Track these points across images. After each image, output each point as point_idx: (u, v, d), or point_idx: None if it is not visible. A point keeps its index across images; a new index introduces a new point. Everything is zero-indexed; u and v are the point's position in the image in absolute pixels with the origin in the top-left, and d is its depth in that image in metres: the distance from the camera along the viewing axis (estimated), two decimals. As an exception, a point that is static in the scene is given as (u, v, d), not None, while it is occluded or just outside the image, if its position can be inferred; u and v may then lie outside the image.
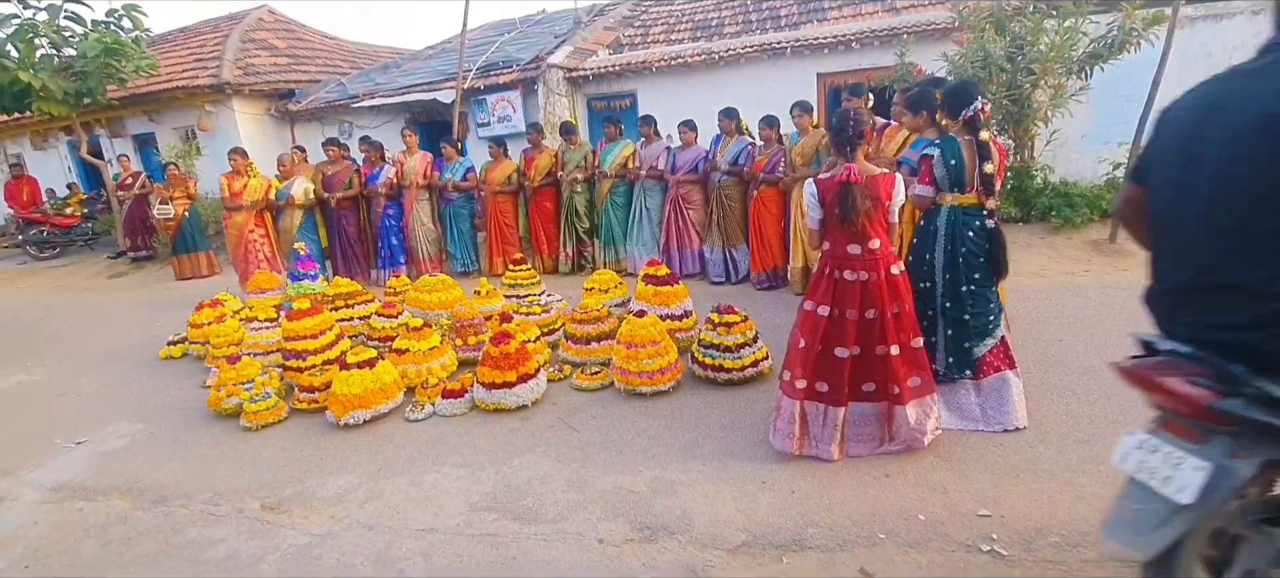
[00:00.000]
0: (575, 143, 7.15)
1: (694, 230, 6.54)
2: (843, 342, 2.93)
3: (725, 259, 6.36)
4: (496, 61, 10.24)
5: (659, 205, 6.74)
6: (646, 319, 4.05)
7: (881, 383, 2.98)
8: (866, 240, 2.88)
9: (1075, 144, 7.21)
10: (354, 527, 2.93)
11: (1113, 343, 4.08)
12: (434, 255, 7.58)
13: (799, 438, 3.07)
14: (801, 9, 9.85)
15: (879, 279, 2.88)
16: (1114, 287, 5.17)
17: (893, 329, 2.92)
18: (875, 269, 2.88)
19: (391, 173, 7.39)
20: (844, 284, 2.91)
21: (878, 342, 2.93)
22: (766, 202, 5.89)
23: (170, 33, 13.99)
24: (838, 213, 2.85)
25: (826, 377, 2.99)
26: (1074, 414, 3.32)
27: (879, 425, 3.06)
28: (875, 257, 2.88)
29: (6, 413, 4.75)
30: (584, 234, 7.24)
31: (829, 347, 2.96)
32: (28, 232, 11.63)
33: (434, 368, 4.36)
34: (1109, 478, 2.77)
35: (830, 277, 2.95)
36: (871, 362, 2.96)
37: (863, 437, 3.08)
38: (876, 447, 3.08)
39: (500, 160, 7.36)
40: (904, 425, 3.00)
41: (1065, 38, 5.88)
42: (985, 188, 3.18)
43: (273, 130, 11.63)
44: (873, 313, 2.91)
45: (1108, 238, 6.02)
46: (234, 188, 6.96)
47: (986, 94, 5.70)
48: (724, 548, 2.58)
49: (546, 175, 7.20)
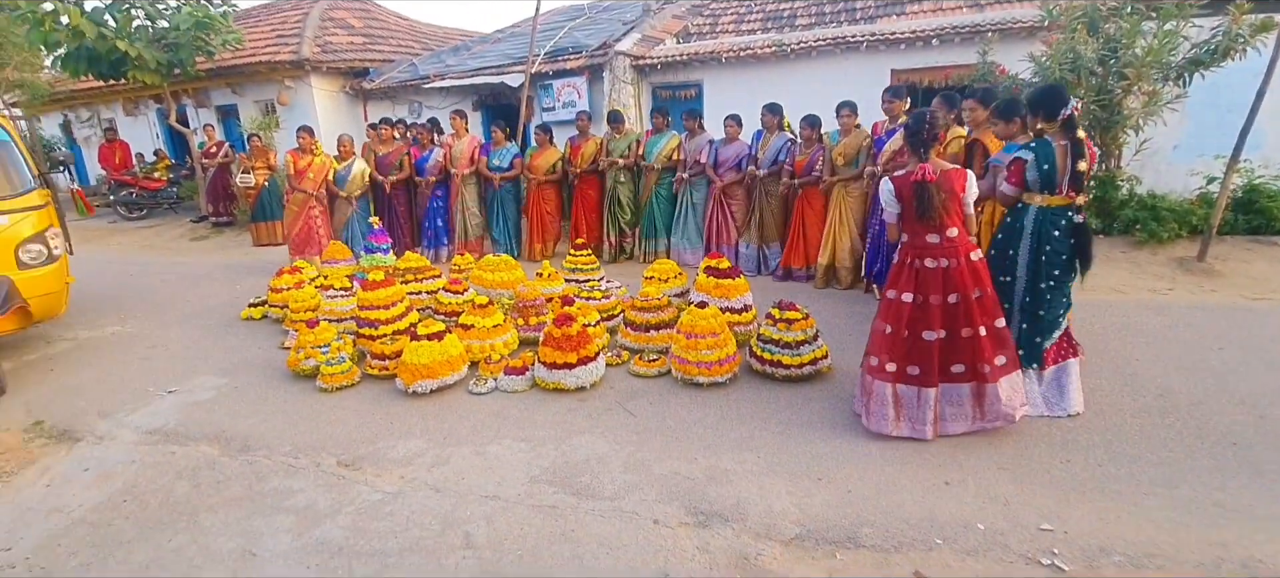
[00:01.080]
0: (622, 131, 7.23)
1: (734, 225, 6.65)
2: (929, 325, 3.12)
3: (759, 255, 6.54)
4: (565, 47, 10.36)
5: (703, 199, 6.85)
6: (707, 311, 4.09)
7: (970, 363, 3.15)
8: (944, 230, 3.09)
9: (1166, 155, 6.84)
10: (422, 488, 3.09)
11: (1195, 365, 3.89)
12: (477, 238, 7.77)
13: (895, 419, 3.23)
14: (878, 3, 9.61)
15: (959, 265, 3.09)
16: (1200, 307, 4.91)
17: (977, 312, 3.09)
18: (955, 256, 3.09)
19: (440, 156, 7.59)
20: (925, 272, 3.13)
21: (963, 324, 3.11)
22: (811, 200, 6.00)
23: (254, 9, 14.67)
24: (915, 208, 3.08)
25: (917, 360, 3.17)
26: (1147, 435, 3.20)
27: (972, 404, 3.21)
28: (954, 244, 3.09)
29: (105, 361, 5.15)
30: (626, 225, 7.33)
31: (916, 331, 3.15)
32: (119, 193, 12.45)
33: (497, 345, 4.51)
34: (1179, 503, 2.68)
35: (911, 266, 3.17)
36: (958, 344, 3.14)
37: (957, 416, 3.24)
38: (970, 424, 3.23)
39: (546, 147, 7.49)
40: (996, 402, 3.15)
41: (1164, 41, 5.57)
42: (1077, 186, 3.26)
43: (346, 107, 12.09)
44: (955, 297, 3.10)
45: (1196, 256, 5.70)
46: (299, 165, 7.04)
47: (1077, 95, 5.56)
48: (778, 539, 2.61)
49: (591, 163, 7.31)
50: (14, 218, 4.82)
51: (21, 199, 4.90)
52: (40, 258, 4.89)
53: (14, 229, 4.78)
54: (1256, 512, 2.60)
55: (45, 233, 4.95)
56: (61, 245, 5.17)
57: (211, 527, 2.91)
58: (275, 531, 2.85)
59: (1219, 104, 6.34)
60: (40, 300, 4.87)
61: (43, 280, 4.88)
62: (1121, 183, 6.41)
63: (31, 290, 4.78)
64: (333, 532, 2.81)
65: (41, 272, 4.87)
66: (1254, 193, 6.21)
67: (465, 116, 7.75)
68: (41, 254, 4.90)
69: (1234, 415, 3.34)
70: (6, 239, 4.73)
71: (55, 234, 5.07)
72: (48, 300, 4.96)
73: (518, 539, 2.69)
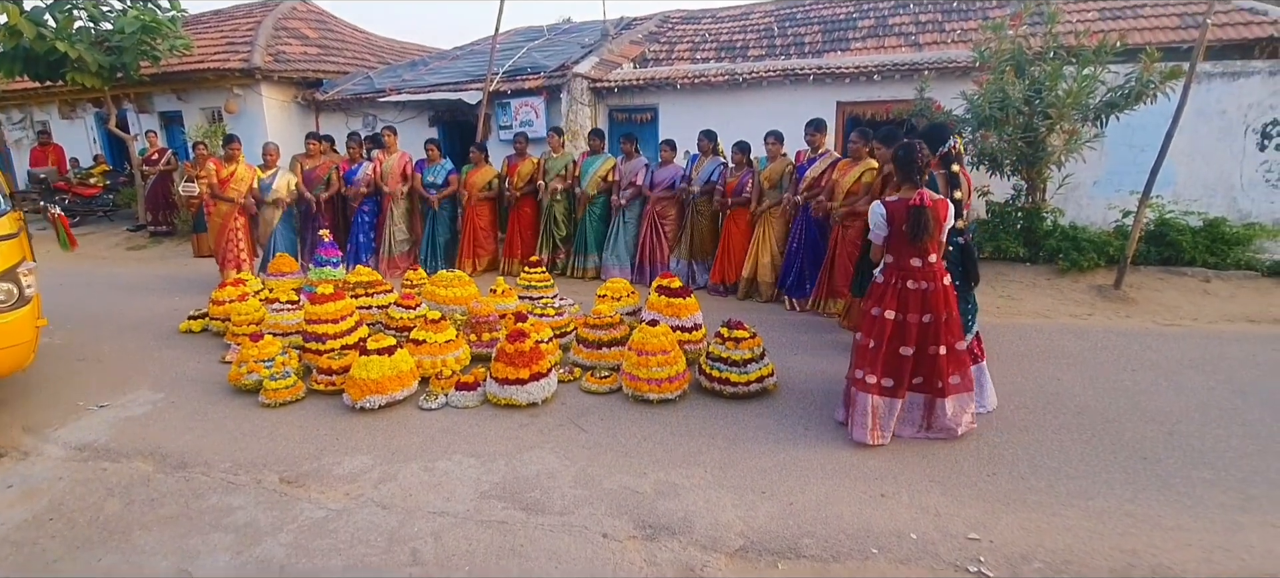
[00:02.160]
0: (559, 149, 7.50)
1: (666, 244, 7.02)
2: (905, 342, 3.37)
3: (689, 269, 6.93)
4: (523, 67, 10.44)
5: (636, 218, 7.22)
6: (658, 329, 4.18)
7: (928, 377, 3.43)
8: (926, 255, 3.35)
9: (1086, 189, 7.33)
10: (368, 505, 3.05)
11: (1110, 385, 4.18)
12: (402, 254, 7.72)
13: (873, 429, 3.45)
14: (826, 37, 10.03)
15: (937, 288, 3.35)
16: (1116, 331, 5.27)
17: (944, 332, 3.37)
18: (934, 280, 3.35)
19: (370, 171, 7.54)
20: (907, 292, 3.36)
21: (931, 342, 3.37)
22: (738, 220, 6.47)
23: (204, 15, 14.26)
24: (907, 231, 3.29)
25: (892, 373, 3.42)
26: (1066, 451, 3.42)
27: (923, 414, 3.52)
28: (933, 269, 3.36)
29: (30, 373, 4.89)
30: (560, 241, 7.55)
31: (893, 346, 3.39)
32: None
33: (448, 360, 4.50)
34: (1094, 513, 2.88)
35: (895, 286, 3.39)
36: (923, 359, 3.41)
37: (908, 421, 3.54)
38: (917, 432, 3.54)
39: (481, 165, 7.61)
40: (942, 416, 3.47)
41: (1083, 85, 6.01)
42: (955, 211, 3.52)
43: (298, 118, 11.85)
44: (929, 317, 3.35)
45: (1113, 284, 6.11)
46: (222, 174, 6.85)
47: (1004, 132, 5.96)
48: (723, 551, 2.69)
49: (527, 183, 7.52)
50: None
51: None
52: (9, 300, 3.93)
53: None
54: (1164, 522, 2.82)
55: (16, 268, 4.01)
56: (34, 283, 4.21)
57: (145, 546, 2.82)
58: (213, 549, 2.78)
59: (1134, 143, 6.85)
60: (6, 353, 3.95)
61: (10, 329, 3.92)
62: (1046, 215, 6.84)
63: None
64: (274, 550, 2.75)
65: (9, 318, 3.91)
66: (1165, 227, 6.72)
67: (396, 132, 7.77)
68: (11, 295, 3.95)
69: (1145, 432, 3.60)
70: None
71: (28, 270, 4.12)
72: (14, 353, 4.00)
73: (466, 555, 2.70)
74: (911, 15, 9.92)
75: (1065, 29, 7.04)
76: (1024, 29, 6.76)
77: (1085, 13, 8.50)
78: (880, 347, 3.38)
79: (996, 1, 9.54)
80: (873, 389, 3.41)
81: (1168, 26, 7.83)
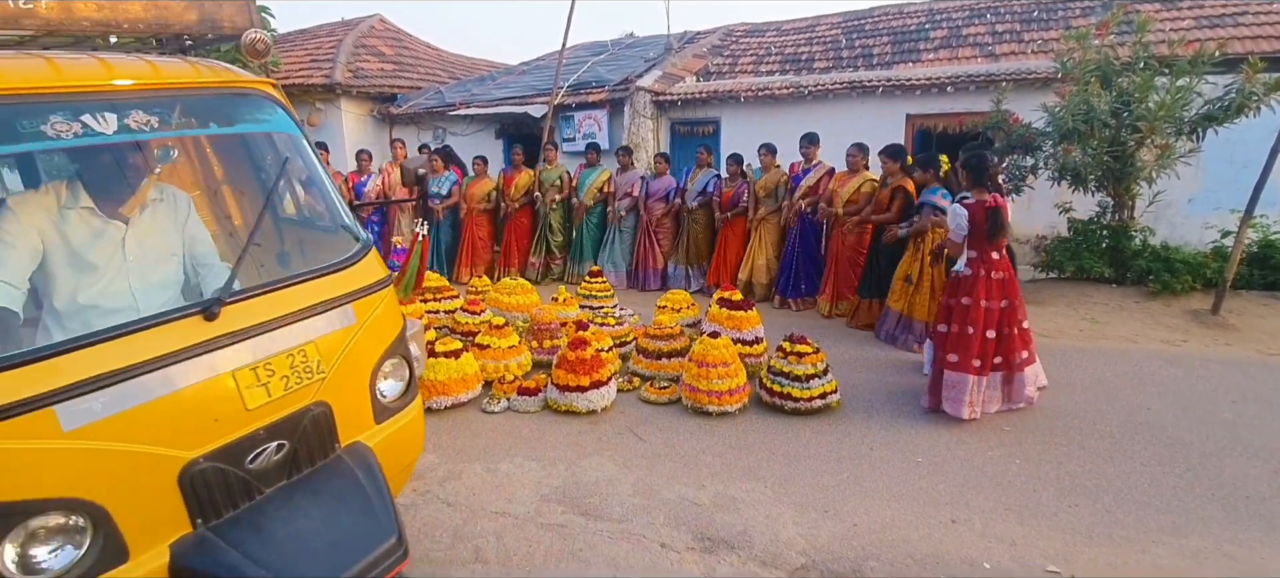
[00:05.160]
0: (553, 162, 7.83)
1: (660, 251, 7.32)
2: (990, 325, 3.80)
3: (686, 273, 7.22)
4: (588, 81, 10.61)
5: (632, 228, 7.52)
6: (719, 341, 4.15)
7: (1006, 356, 3.85)
8: (1001, 248, 3.84)
9: (1181, 207, 6.87)
10: (434, 501, 3.14)
11: (1208, 417, 3.88)
12: None
13: (970, 405, 3.78)
14: (895, 49, 9.79)
15: (1010, 277, 3.85)
16: (1214, 360, 4.89)
17: (1019, 313, 3.86)
18: (1007, 269, 3.85)
19: (378, 183, 7.82)
20: (991, 282, 3.80)
21: (1006, 324, 3.82)
22: (734, 228, 6.84)
23: (290, 33, 15.14)
24: (987, 228, 3.77)
25: (981, 355, 3.79)
26: (1157, 485, 3.19)
27: (1002, 389, 3.91)
28: (1005, 260, 3.87)
29: None
30: (556, 248, 7.85)
31: (981, 330, 3.78)
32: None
33: (511, 365, 4.59)
34: (1189, 552, 2.68)
35: (985, 277, 3.81)
36: (1002, 339, 3.83)
37: (991, 399, 3.89)
38: (1000, 406, 3.93)
39: (482, 177, 7.87)
40: (1021, 388, 3.88)
41: (1177, 97, 5.64)
42: None
43: (374, 131, 12.41)
44: (1006, 302, 3.81)
45: (1210, 309, 5.69)
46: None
47: (1089, 147, 5.77)
48: (783, 568, 2.63)
49: (525, 194, 7.79)
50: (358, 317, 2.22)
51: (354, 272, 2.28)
52: (401, 387, 2.41)
53: (364, 344, 2.23)
54: (1270, 567, 2.59)
55: (402, 337, 2.43)
56: (422, 352, 2.87)
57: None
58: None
59: (1234, 160, 6.38)
60: (401, 475, 2.50)
61: (409, 436, 2.45)
62: (1135, 233, 6.44)
63: (396, 458, 2.37)
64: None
65: (408, 416, 2.43)
66: (1270, 248, 6.21)
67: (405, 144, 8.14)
68: (402, 379, 2.42)
69: (1247, 468, 3.33)
70: (357, 363, 2.21)
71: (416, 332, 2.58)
72: (408, 472, 2.61)
73: (526, 556, 2.73)
74: (987, 24, 9.57)
75: (1156, 38, 6.64)
76: (1110, 38, 6.41)
77: (1179, 22, 7.99)
78: (976, 332, 3.76)
79: (1080, 10, 9.10)
80: (971, 370, 3.77)
81: (1272, 34, 7.27)
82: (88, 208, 2.02)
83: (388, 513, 2.01)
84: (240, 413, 1.87)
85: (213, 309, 1.88)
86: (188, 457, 1.78)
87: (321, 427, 2.08)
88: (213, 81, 2.26)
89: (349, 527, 1.95)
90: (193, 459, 1.78)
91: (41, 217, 1.95)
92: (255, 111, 2.36)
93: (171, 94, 2.11)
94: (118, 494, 1.67)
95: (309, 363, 2.04)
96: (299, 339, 2.04)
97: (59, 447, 1.59)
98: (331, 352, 2.11)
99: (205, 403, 1.82)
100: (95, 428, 1.63)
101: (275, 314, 2.01)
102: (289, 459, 2.00)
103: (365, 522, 1.97)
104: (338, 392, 2.13)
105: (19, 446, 1.54)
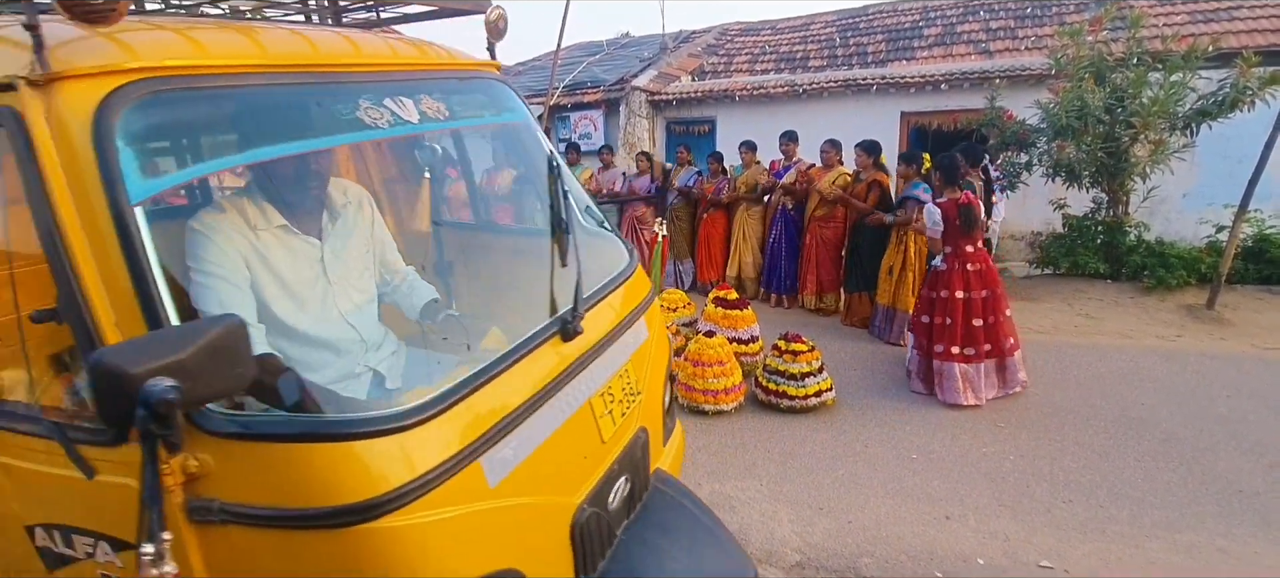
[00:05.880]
0: None
1: (646, 249, 7.25)
2: (975, 315, 3.98)
3: (674, 269, 7.22)
4: (583, 81, 10.62)
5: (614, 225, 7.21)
6: (715, 340, 4.15)
7: (995, 343, 4.03)
8: (976, 241, 4.05)
9: (1175, 203, 6.89)
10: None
11: (1202, 412, 3.89)
12: None
13: (965, 391, 3.96)
14: (890, 46, 9.80)
15: (988, 267, 4.05)
16: (1209, 355, 4.90)
17: (1001, 302, 4.04)
18: (984, 261, 4.05)
19: None
20: (969, 273, 3.99)
21: (990, 313, 4.01)
22: (715, 222, 6.86)
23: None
24: (960, 224, 3.97)
25: (970, 343, 3.98)
26: (1151, 480, 3.20)
27: (996, 376, 4.08)
28: (981, 253, 4.06)
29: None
30: None
31: (967, 320, 3.98)
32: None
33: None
34: (1183, 547, 2.68)
35: (960, 270, 4.00)
36: (989, 328, 4.00)
37: (988, 385, 4.05)
38: (995, 393, 4.08)
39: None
40: (1015, 372, 4.09)
41: (1171, 92, 5.65)
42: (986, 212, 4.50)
43: (370, 132, 12.42)
44: (987, 292, 4.00)
45: (1205, 303, 5.70)
46: None
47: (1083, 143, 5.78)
48: (779, 566, 2.64)
49: None
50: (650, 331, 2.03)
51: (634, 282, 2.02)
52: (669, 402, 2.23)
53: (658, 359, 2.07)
54: (1263, 561, 2.60)
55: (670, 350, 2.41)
56: None
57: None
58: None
59: (1229, 154, 6.40)
60: None
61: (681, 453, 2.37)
62: (1129, 229, 6.45)
63: None
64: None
65: (679, 433, 2.38)
66: (1264, 243, 6.22)
67: None
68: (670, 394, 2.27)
69: (1242, 463, 3.33)
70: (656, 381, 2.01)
71: None
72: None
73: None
74: (981, 22, 9.59)
75: (1150, 33, 6.65)
76: (1104, 34, 6.43)
77: (1173, 16, 8.01)
78: (956, 322, 3.95)
79: (1074, 6, 9.12)
80: (957, 359, 3.96)
81: (1267, 28, 7.29)
82: (282, 226, 1.63)
83: (733, 543, 1.84)
84: (598, 447, 1.61)
85: (572, 328, 1.54)
86: (575, 503, 1.51)
87: (644, 455, 1.81)
88: (464, 65, 1.95)
89: (714, 565, 1.74)
90: (578, 505, 1.52)
91: (241, 242, 1.54)
92: (499, 100, 2.03)
93: (443, 78, 1.80)
94: (532, 556, 1.38)
95: (631, 384, 1.77)
96: (623, 358, 1.76)
97: (487, 507, 1.27)
98: (641, 370, 1.86)
99: (575, 439, 1.54)
100: (512, 480, 1.33)
101: (604, 330, 1.69)
102: (629, 496, 1.73)
103: (723, 558, 1.78)
104: (650, 414, 1.89)
105: (456, 513, 1.21)
